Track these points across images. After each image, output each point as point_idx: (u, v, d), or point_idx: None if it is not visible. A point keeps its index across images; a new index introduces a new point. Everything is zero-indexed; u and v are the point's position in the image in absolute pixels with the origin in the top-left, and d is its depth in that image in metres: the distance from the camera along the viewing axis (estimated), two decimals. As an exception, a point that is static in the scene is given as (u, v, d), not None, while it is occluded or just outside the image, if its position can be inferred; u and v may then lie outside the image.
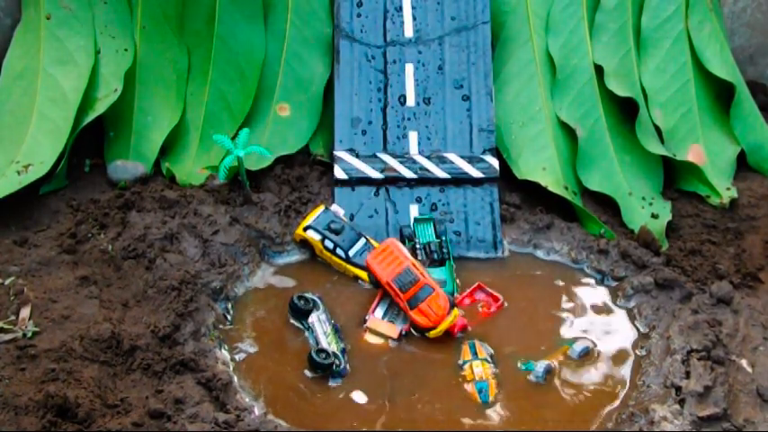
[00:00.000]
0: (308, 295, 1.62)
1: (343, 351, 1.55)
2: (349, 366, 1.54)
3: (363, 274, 1.68)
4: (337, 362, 1.51)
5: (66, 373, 1.40)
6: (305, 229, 1.72)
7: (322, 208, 1.75)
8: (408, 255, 1.66)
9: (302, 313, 1.59)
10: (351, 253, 1.68)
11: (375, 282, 1.66)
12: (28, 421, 1.32)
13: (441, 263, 1.73)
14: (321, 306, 1.60)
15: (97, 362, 1.44)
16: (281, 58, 1.94)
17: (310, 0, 1.97)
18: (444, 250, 1.73)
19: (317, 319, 1.57)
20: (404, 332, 1.60)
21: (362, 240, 1.71)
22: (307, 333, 1.58)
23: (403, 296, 1.59)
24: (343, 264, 1.70)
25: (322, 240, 1.69)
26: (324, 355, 1.50)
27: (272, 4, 1.95)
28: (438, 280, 1.69)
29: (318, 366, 1.50)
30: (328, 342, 1.54)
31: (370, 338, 1.60)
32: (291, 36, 1.95)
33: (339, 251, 1.68)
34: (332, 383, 1.51)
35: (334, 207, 1.74)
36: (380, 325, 1.61)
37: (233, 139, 1.76)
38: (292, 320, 1.61)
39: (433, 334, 1.59)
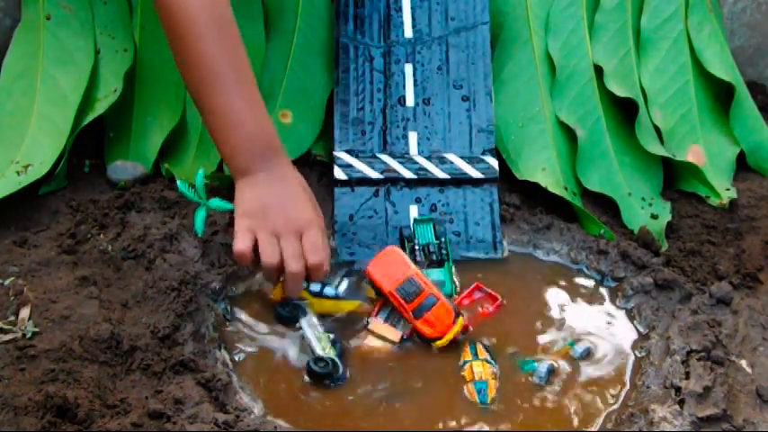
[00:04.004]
0: (292, 302, 1.59)
1: (340, 355, 1.53)
2: (348, 372, 1.53)
3: (355, 304, 1.63)
4: (335, 369, 1.50)
5: (65, 373, 1.40)
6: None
7: None
8: (411, 263, 1.64)
9: (290, 321, 1.57)
10: (340, 290, 1.63)
11: (378, 291, 1.63)
12: (28, 421, 1.32)
13: (439, 264, 1.72)
14: (308, 311, 1.58)
15: (97, 362, 1.44)
16: (286, 65, 1.94)
17: (319, 8, 1.97)
18: (444, 251, 1.72)
19: (307, 325, 1.56)
20: (405, 336, 1.59)
21: (346, 281, 1.65)
22: (300, 340, 1.56)
23: (408, 307, 1.58)
24: (333, 302, 1.64)
25: (307, 288, 1.62)
26: (322, 364, 1.50)
27: (280, 10, 1.95)
28: (437, 281, 1.69)
29: (318, 376, 1.49)
30: (322, 347, 1.53)
31: (371, 341, 1.59)
32: (298, 44, 1.95)
33: (327, 290, 1.62)
34: (329, 384, 1.51)
35: None
36: (382, 328, 1.60)
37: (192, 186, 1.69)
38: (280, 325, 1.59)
39: (440, 344, 1.57)
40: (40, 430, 1.31)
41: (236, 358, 1.56)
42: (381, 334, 1.60)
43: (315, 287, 1.63)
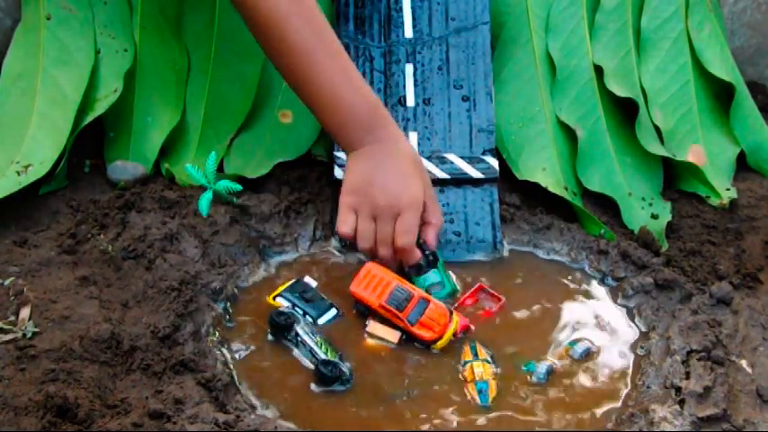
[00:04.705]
0: (285, 310, 1.58)
1: (341, 357, 1.53)
2: (353, 374, 1.52)
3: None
4: (344, 370, 1.49)
5: (66, 373, 1.40)
6: (275, 297, 1.65)
7: (294, 280, 1.69)
8: (391, 273, 1.63)
9: (286, 328, 1.56)
10: (320, 321, 1.61)
11: (364, 309, 1.61)
12: (28, 421, 1.32)
13: (432, 265, 1.70)
14: (300, 319, 1.57)
15: (97, 362, 1.44)
16: None
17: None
18: (430, 257, 1.69)
19: (304, 332, 1.55)
20: (404, 337, 1.59)
21: (333, 311, 1.63)
22: (296, 349, 1.55)
23: (402, 315, 1.56)
24: None
25: (291, 307, 1.62)
26: (330, 368, 1.49)
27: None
28: (435, 282, 1.68)
29: (328, 380, 1.48)
30: (324, 351, 1.52)
31: (370, 342, 1.59)
32: None
33: (308, 318, 1.60)
34: (337, 387, 1.50)
35: (307, 278, 1.68)
36: (380, 329, 1.59)
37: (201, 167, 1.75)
38: (273, 338, 1.58)
39: (440, 345, 1.57)
40: (40, 430, 1.31)
41: (237, 358, 1.56)
42: (380, 335, 1.59)
43: (298, 311, 1.61)
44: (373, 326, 1.61)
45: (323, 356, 1.52)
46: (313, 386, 1.50)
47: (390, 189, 1.63)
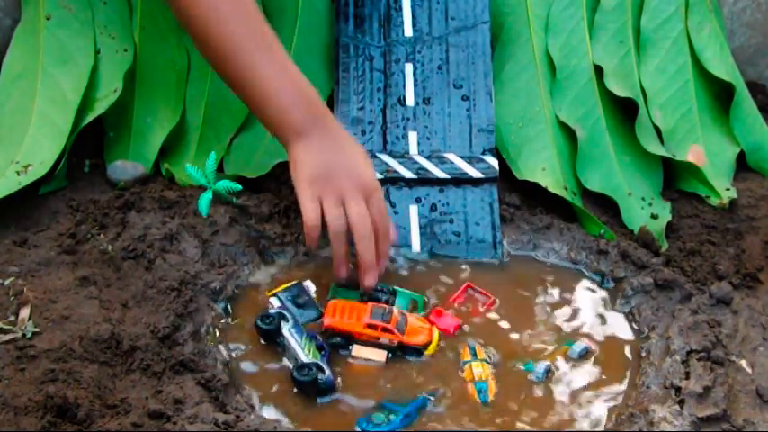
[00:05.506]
0: (271, 312, 1.57)
1: (326, 357, 1.50)
2: (336, 379, 1.50)
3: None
4: (320, 374, 1.47)
5: (65, 373, 1.40)
6: (272, 296, 1.64)
7: (294, 282, 1.68)
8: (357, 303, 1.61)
9: (273, 333, 1.55)
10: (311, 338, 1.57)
11: (342, 341, 1.56)
12: (27, 421, 1.32)
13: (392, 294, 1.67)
14: (289, 318, 1.56)
15: (97, 362, 1.45)
16: None
17: (319, 8, 1.97)
18: (389, 295, 1.66)
19: (289, 332, 1.53)
20: (390, 356, 1.56)
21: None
22: (284, 351, 1.54)
23: (390, 325, 1.54)
24: None
25: (282, 309, 1.60)
26: (305, 371, 1.46)
27: (280, 10, 1.95)
28: (413, 298, 1.67)
29: (303, 384, 1.46)
30: (306, 352, 1.51)
31: (357, 363, 1.56)
32: (298, 44, 1.95)
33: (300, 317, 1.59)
34: (320, 401, 1.48)
35: (307, 283, 1.67)
36: (365, 351, 1.56)
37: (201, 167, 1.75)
38: (264, 342, 1.57)
39: (431, 349, 1.56)
40: (40, 430, 1.31)
41: (236, 358, 1.56)
42: (366, 357, 1.56)
43: (288, 312, 1.58)
44: (358, 349, 1.56)
45: (303, 359, 1.50)
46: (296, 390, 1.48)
47: (355, 171, 1.60)
